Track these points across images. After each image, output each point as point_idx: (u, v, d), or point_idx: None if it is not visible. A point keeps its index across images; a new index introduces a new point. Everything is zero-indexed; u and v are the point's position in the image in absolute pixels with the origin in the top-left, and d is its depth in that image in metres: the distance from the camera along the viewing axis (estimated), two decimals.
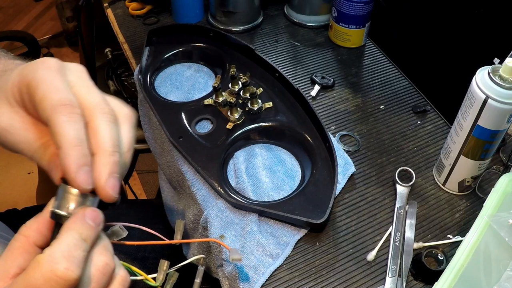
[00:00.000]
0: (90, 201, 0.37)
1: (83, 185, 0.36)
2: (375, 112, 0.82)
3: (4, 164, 1.98)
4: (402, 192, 0.69)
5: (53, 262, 0.33)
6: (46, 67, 0.38)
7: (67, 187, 0.36)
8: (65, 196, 0.37)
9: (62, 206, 0.36)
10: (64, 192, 0.37)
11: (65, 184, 0.37)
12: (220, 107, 0.78)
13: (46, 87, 0.37)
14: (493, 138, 0.61)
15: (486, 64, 0.59)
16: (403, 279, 0.60)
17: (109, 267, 0.37)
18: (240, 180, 0.69)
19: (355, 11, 0.88)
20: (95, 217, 0.37)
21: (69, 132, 0.36)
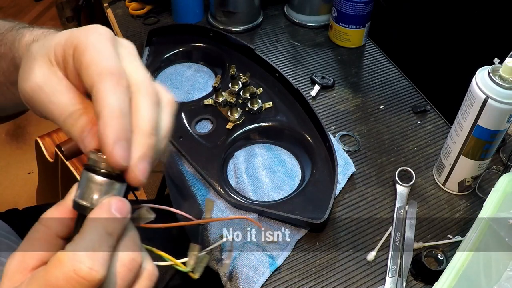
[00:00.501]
0: (116, 190, 0.34)
1: (118, 160, 0.33)
2: (375, 112, 0.82)
3: (4, 164, 1.97)
4: (402, 192, 0.69)
5: (76, 260, 0.31)
6: (98, 33, 0.36)
7: (90, 175, 0.34)
8: (88, 185, 0.34)
9: (86, 196, 0.34)
10: (87, 180, 0.34)
11: (88, 172, 0.34)
12: (220, 107, 0.78)
13: (96, 53, 0.34)
14: (493, 138, 0.61)
15: (486, 64, 0.59)
16: (403, 279, 0.60)
17: (135, 263, 0.34)
18: (240, 180, 0.69)
19: (355, 11, 0.88)
20: (122, 208, 0.34)
21: (113, 102, 0.33)
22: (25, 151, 2.03)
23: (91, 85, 0.34)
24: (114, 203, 0.34)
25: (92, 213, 0.33)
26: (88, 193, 0.34)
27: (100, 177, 0.34)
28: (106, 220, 0.33)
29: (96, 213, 0.33)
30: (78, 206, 0.34)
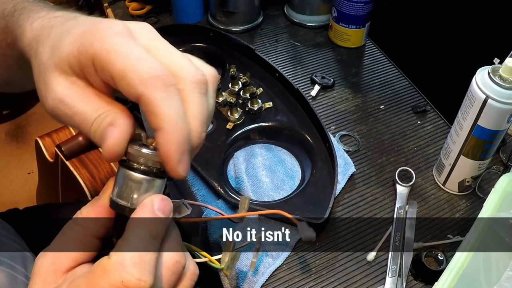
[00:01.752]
0: (156, 187, 0.32)
1: (181, 173, 0.31)
2: (375, 112, 0.82)
3: (4, 164, 1.97)
4: (402, 192, 0.69)
5: (124, 271, 0.29)
6: (114, 33, 0.32)
7: (128, 173, 0.31)
8: (126, 183, 0.32)
9: (124, 195, 0.32)
10: (125, 177, 0.32)
11: (125, 169, 0.32)
12: (220, 107, 0.78)
13: (126, 59, 0.31)
14: (493, 138, 0.61)
15: (486, 64, 0.59)
16: (403, 279, 0.60)
17: (179, 265, 0.33)
18: (240, 180, 0.69)
19: (355, 11, 0.88)
20: (165, 207, 0.32)
21: (170, 113, 0.30)
22: (25, 151, 2.03)
23: (137, 96, 0.31)
24: (157, 202, 0.32)
25: (135, 214, 0.31)
26: (127, 192, 0.32)
27: (139, 174, 0.32)
28: (150, 222, 0.31)
29: (138, 215, 0.31)
30: (116, 205, 0.32)
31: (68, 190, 1.28)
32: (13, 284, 0.59)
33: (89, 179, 1.19)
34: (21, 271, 0.61)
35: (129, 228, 0.31)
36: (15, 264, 0.61)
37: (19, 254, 0.64)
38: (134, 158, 0.32)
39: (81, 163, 1.21)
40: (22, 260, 0.64)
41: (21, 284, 0.60)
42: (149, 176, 0.32)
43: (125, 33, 0.32)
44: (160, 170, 0.32)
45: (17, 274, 0.60)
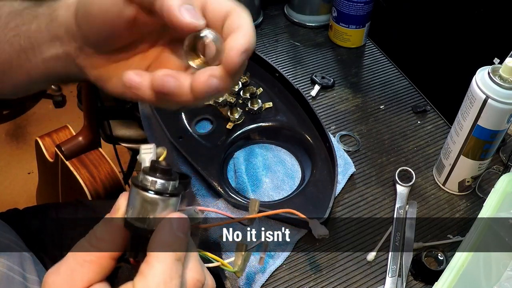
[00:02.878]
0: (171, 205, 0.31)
1: (190, 22, 0.31)
2: (375, 112, 0.82)
3: (4, 164, 1.98)
4: (402, 192, 0.69)
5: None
6: None
7: (142, 193, 0.31)
8: (141, 204, 0.31)
9: (140, 216, 0.31)
10: (139, 198, 0.31)
11: (138, 189, 0.31)
12: (220, 107, 0.78)
13: None
14: (493, 138, 0.61)
15: (486, 64, 0.59)
16: (403, 279, 0.60)
17: (200, 283, 0.33)
18: (240, 180, 0.69)
19: (355, 11, 0.88)
20: (184, 225, 0.32)
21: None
22: (25, 151, 2.03)
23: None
24: (175, 222, 0.31)
25: (155, 237, 0.31)
26: (143, 213, 0.31)
27: (154, 195, 0.31)
28: (173, 243, 0.31)
29: (160, 238, 0.31)
30: (132, 227, 0.31)
31: (68, 190, 1.28)
32: (9, 284, 0.59)
33: (89, 179, 1.19)
34: (18, 271, 0.61)
35: (151, 253, 0.30)
36: (12, 264, 0.61)
37: (17, 254, 0.64)
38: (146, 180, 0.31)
39: (81, 163, 1.21)
40: (19, 260, 0.64)
41: (17, 284, 0.59)
42: (164, 196, 0.31)
43: None
44: (174, 187, 0.32)
45: (13, 274, 0.60)
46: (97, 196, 1.20)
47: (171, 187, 0.32)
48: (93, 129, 1.23)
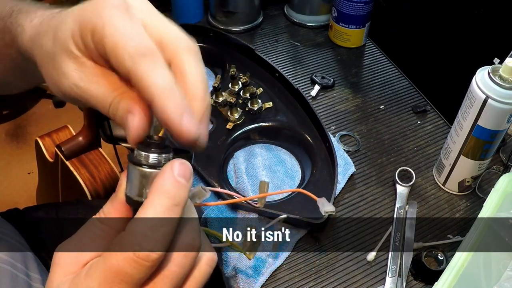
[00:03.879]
0: None
1: (191, 134, 0.31)
2: (375, 112, 0.82)
3: (4, 164, 1.97)
4: (402, 192, 0.69)
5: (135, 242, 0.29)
6: (111, 6, 0.32)
7: (137, 168, 0.31)
8: (137, 178, 0.31)
9: (137, 190, 0.32)
10: (135, 173, 0.31)
11: (135, 165, 0.32)
12: (220, 107, 0.78)
13: (118, 34, 0.31)
14: (493, 138, 0.61)
15: (486, 64, 0.59)
16: (403, 279, 0.60)
17: (193, 250, 0.32)
18: (240, 180, 0.69)
19: (355, 11, 0.88)
20: (185, 171, 0.31)
21: (159, 81, 0.30)
22: (25, 151, 2.03)
23: (127, 72, 0.31)
24: (177, 167, 0.31)
25: (155, 182, 0.31)
26: (139, 187, 0.32)
27: (148, 169, 0.31)
28: (172, 188, 0.30)
29: (159, 181, 0.30)
30: (131, 201, 0.32)
31: (68, 190, 1.28)
32: (14, 282, 0.59)
33: (89, 179, 1.19)
34: (22, 269, 0.61)
35: (149, 197, 0.31)
36: (16, 262, 0.61)
37: (21, 253, 0.64)
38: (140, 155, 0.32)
39: (81, 163, 1.21)
40: (23, 258, 0.64)
41: (21, 282, 0.60)
42: (157, 169, 0.32)
43: (122, 7, 0.32)
44: (168, 159, 0.32)
45: (17, 272, 0.60)
46: (97, 196, 1.20)
47: (164, 160, 0.32)
48: (93, 129, 1.23)
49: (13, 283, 0.58)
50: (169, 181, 0.30)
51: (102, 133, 1.35)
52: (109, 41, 0.31)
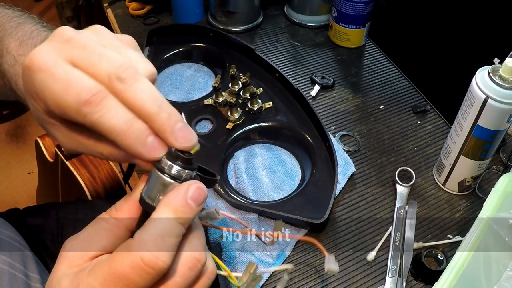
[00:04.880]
0: None
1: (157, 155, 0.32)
2: (375, 112, 0.82)
3: (4, 164, 1.98)
4: (402, 192, 0.69)
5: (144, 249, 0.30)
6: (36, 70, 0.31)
7: (159, 175, 0.32)
8: (155, 183, 0.32)
9: (152, 194, 0.33)
10: (156, 179, 0.32)
11: (157, 171, 0.32)
12: (220, 107, 0.78)
13: (53, 94, 0.31)
14: (493, 138, 0.61)
15: (486, 64, 0.59)
16: (403, 279, 0.60)
17: (199, 263, 0.33)
18: (240, 180, 0.69)
19: (355, 11, 0.88)
20: (199, 197, 0.32)
21: (112, 124, 0.31)
22: (25, 151, 2.03)
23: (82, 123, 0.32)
24: (192, 190, 0.32)
25: (167, 197, 0.32)
26: (154, 192, 0.33)
27: (168, 178, 0.32)
28: (180, 208, 0.31)
29: (171, 199, 0.32)
30: (144, 202, 0.33)
31: (68, 190, 1.28)
32: (12, 282, 0.59)
33: (89, 179, 1.19)
34: (20, 269, 0.61)
35: (158, 210, 0.32)
36: (15, 262, 0.61)
37: (19, 253, 0.64)
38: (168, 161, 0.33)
39: (81, 163, 1.21)
40: (21, 258, 0.64)
41: (20, 282, 0.60)
42: (177, 181, 0.33)
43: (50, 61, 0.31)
44: (190, 176, 0.33)
45: (16, 272, 0.60)
46: (97, 196, 1.20)
47: (185, 175, 0.33)
48: None
49: (11, 283, 0.58)
50: (180, 200, 0.32)
51: None
52: (51, 105, 0.31)
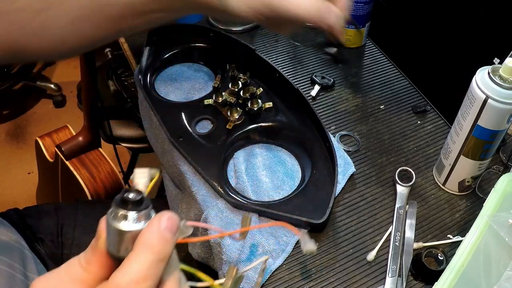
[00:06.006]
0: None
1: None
2: (375, 112, 0.82)
3: (4, 164, 1.98)
4: (402, 192, 0.69)
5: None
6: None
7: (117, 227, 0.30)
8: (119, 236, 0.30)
9: (119, 247, 0.30)
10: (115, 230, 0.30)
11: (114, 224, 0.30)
12: (220, 107, 0.78)
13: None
14: (493, 138, 0.61)
15: (486, 64, 0.59)
16: (403, 279, 0.60)
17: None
18: (240, 180, 0.69)
19: (355, 11, 0.88)
20: (172, 225, 0.31)
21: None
22: (25, 151, 2.03)
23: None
24: (164, 221, 0.31)
25: (141, 235, 0.30)
26: (121, 245, 0.31)
27: (130, 228, 0.30)
28: (158, 243, 0.30)
29: (145, 236, 0.30)
30: (114, 257, 0.31)
31: (68, 190, 1.28)
32: (11, 282, 0.59)
33: (89, 179, 1.20)
34: (19, 269, 0.61)
35: (134, 249, 0.30)
36: (14, 262, 0.61)
37: (18, 253, 0.64)
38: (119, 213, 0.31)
39: (81, 163, 1.21)
40: (21, 258, 0.64)
41: (19, 283, 0.60)
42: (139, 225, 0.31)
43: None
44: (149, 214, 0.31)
45: (15, 273, 0.60)
46: (97, 196, 1.20)
47: (143, 218, 0.31)
48: (93, 129, 1.24)
49: (10, 283, 0.58)
50: (155, 236, 0.30)
51: (102, 133, 1.35)
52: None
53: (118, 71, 1.35)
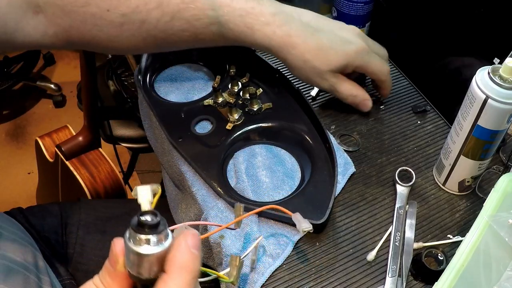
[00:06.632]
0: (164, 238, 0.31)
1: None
2: (375, 112, 0.82)
3: (4, 164, 1.98)
4: (402, 192, 0.69)
5: None
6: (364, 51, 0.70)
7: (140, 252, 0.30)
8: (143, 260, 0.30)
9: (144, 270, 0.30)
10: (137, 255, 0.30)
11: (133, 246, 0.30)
12: (220, 107, 0.78)
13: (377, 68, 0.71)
14: (493, 138, 0.61)
15: (486, 64, 0.59)
16: (403, 279, 0.60)
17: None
18: (240, 180, 0.69)
19: (355, 11, 0.88)
20: (197, 241, 0.32)
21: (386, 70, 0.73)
22: (25, 151, 2.03)
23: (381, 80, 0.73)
24: (190, 240, 0.31)
25: (172, 257, 0.31)
26: (147, 267, 0.31)
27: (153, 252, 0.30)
28: (191, 263, 0.31)
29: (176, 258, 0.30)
30: (140, 280, 0.31)
31: (68, 190, 1.28)
32: (27, 286, 0.58)
33: (89, 179, 1.20)
34: (33, 271, 0.61)
35: (170, 271, 0.31)
36: (28, 264, 0.61)
37: (32, 255, 0.64)
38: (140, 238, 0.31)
39: (81, 163, 1.21)
40: (34, 260, 0.63)
41: (33, 285, 0.59)
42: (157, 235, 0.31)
43: (367, 50, 0.69)
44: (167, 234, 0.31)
45: (29, 274, 0.60)
46: (97, 196, 1.20)
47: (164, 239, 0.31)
48: (93, 129, 1.24)
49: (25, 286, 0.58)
50: (187, 257, 0.31)
51: (102, 133, 1.35)
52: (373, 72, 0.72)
53: (118, 71, 1.35)
